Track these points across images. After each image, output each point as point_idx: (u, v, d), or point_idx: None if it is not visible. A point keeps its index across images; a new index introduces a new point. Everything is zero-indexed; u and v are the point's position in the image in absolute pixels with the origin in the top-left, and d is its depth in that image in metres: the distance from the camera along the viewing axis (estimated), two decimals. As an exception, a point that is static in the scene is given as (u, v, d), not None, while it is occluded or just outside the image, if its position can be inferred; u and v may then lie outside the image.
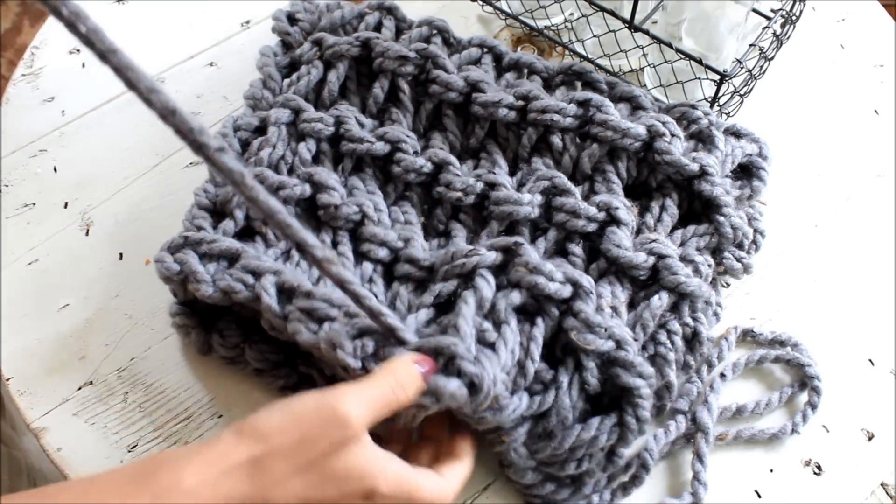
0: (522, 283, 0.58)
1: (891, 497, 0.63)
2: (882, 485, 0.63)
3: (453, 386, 0.51)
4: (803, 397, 0.66)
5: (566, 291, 0.58)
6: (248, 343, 0.62)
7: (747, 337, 0.68)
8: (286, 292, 0.58)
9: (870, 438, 0.65)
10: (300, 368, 0.62)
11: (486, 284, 0.58)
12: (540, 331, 0.58)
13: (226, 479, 0.45)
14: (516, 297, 0.58)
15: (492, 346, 0.55)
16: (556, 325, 0.59)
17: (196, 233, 0.62)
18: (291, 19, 0.78)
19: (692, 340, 0.64)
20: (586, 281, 0.59)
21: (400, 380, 0.50)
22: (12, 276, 0.69)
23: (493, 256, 0.59)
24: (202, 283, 0.59)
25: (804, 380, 0.66)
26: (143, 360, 0.66)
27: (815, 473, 0.63)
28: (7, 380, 0.65)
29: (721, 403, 0.64)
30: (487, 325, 0.56)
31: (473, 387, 0.52)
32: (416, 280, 0.62)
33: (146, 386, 0.65)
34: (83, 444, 0.62)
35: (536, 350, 0.57)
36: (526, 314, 0.59)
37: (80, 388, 0.65)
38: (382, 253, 0.63)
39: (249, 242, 0.63)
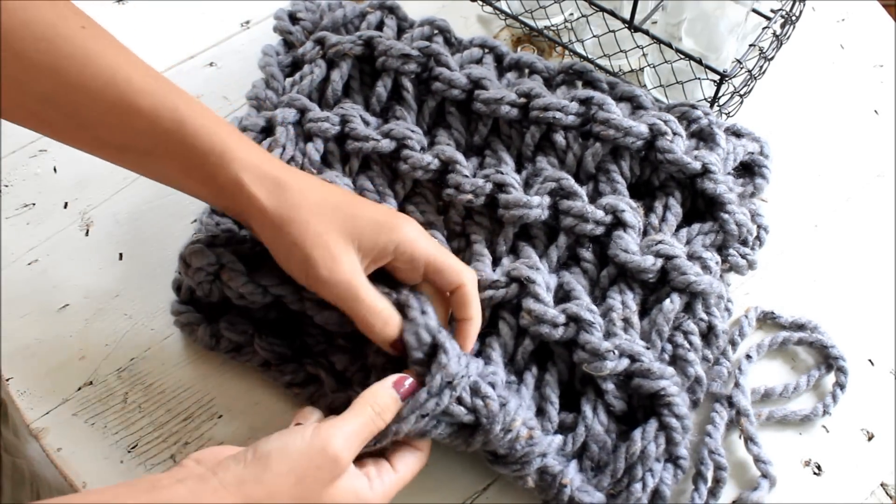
0: (529, 332, 0.61)
1: (891, 497, 0.63)
2: (882, 485, 0.63)
3: (494, 394, 0.56)
4: (828, 379, 0.66)
5: (571, 332, 0.60)
6: (258, 333, 0.63)
7: (768, 319, 0.69)
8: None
9: (870, 438, 0.65)
10: (307, 368, 0.62)
11: (508, 329, 0.62)
12: (553, 377, 0.61)
13: None
14: (529, 344, 0.62)
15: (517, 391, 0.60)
16: (567, 361, 0.61)
17: (223, 233, 0.63)
18: (293, 18, 0.78)
19: (709, 334, 0.64)
20: (587, 314, 0.60)
21: (378, 410, 0.53)
22: (12, 276, 0.69)
23: (505, 292, 0.62)
24: (240, 276, 0.59)
25: (829, 361, 0.66)
26: (143, 361, 0.66)
27: (815, 473, 0.63)
28: (7, 380, 0.65)
29: (749, 385, 0.65)
30: (511, 377, 0.61)
31: (503, 405, 0.56)
32: None
33: (146, 386, 0.65)
34: (83, 444, 0.62)
35: (554, 395, 0.60)
36: (538, 353, 0.63)
37: (80, 388, 0.65)
38: None
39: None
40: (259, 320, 0.63)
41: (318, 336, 0.63)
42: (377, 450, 0.55)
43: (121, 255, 0.71)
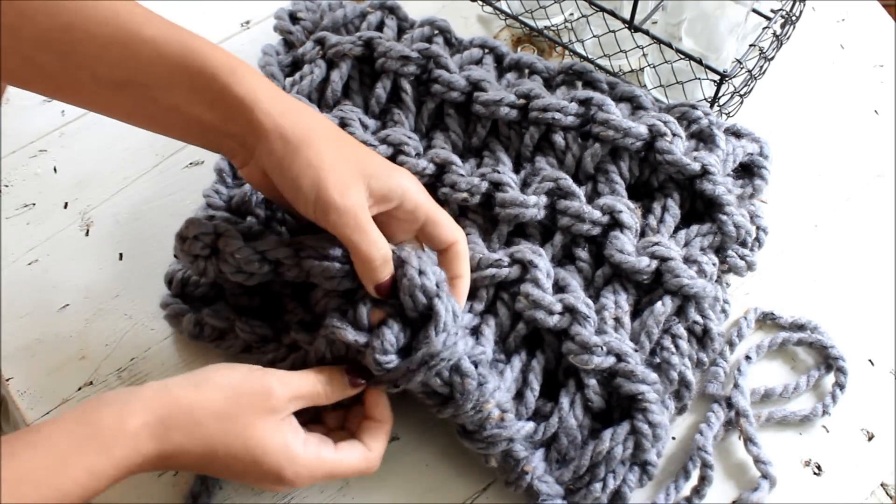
0: (524, 317, 0.61)
1: (891, 497, 0.63)
2: (882, 485, 0.63)
3: (473, 372, 0.57)
4: (828, 380, 0.66)
5: (565, 322, 0.60)
6: (239, 317, 0.63)
7: (767, 320, 0.69)
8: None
9: (870, 438, 0.65)
10: (284, 341, 0.62)
11: (505, 310, 0.62)
12: (540, 363, 0.61)
13: (157, 423, 0.50)
14: (523, 328, 0.62)
15: (500, 373, 0.61)
16: (556, 351, 0.61)
17: (221, 219, 0.62)
18: (293, 18, 0.78)
19: (703, 338, 0.64)
20: (583, 307, 0.60)
21: (327, 381, 0.56)
22: (12, 276, 0.69)
23: (508, 272, 0.62)
24: (238, 241, 0.59)
25: (828, 361, 0.66)
26: (143, 361, 0.66)
27: (815, 473, 0.63)
28: (7, 380, 0.65)
29: (748, 386, 0.65)
30: (500, 356, 0.62)
31: (481, 385, 0.57)
32: None
33: (146, 386, 0.65)
34: (83, 444, 0.62)
35: (536, 381, 0.61)
36: (529, 338, 0.63)
37: (80, 389, 0.65)
38: None
39: None
40: (241, 308, 0.64)
41: (297, 311, 0.63)
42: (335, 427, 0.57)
43: (121, 255, 0.71)
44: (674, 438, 0.64)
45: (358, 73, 0.73)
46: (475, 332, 0.62)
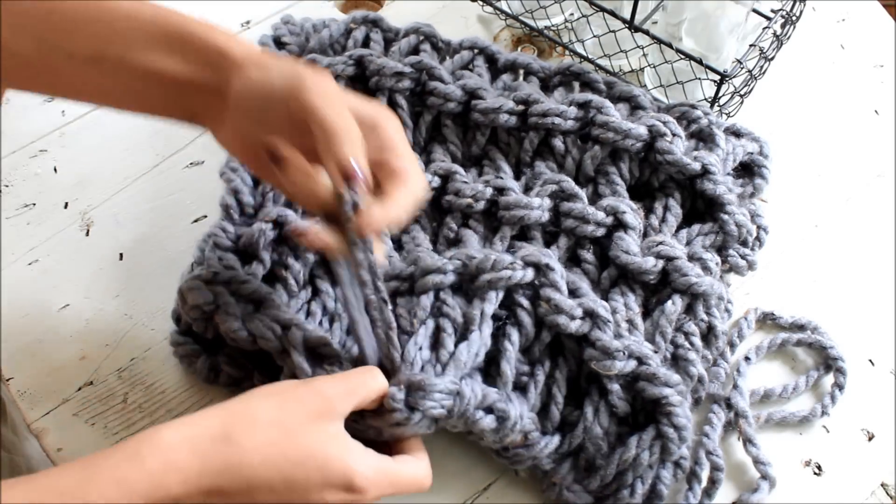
0: (546, 322, 0.60)
1: (891, 497, 0.63)
2: (882, 485, 0.63)
3: (487, 421, 0.56)
4: (827, 380, 0.66)
5: (586, 327, 0.60)
6: (257, 370, 0.62)
7: (767, 320, 0.69)
8: (309, 349, 0.57)
9: (870, 438, 0.65)
10: None
11: (528, 318, 0.61)
12: (563, 374, 0.61)
13: (205, 440, 0.45)
14: (547, 336, 0.61)
15: (524, 388, 0.60)
16: (577, 357, 0.61)
17: (226, 271, 0.61)
18: (278, 43, 0.76)
19: (708, 335, 0.64)
20: (602, 310, 0.60)
21: (371, 378, 0.53)
22: (12, 276, 0.69)
23: (523, 274, 0.61)
24: (233, 320, 0.58)
25: (828, 362, 0.66)
26: (143, 361, 0.66)
27: (815, 473, 0.63)
28: (7, 380, 0.65)
29: (748, 387, 0.65)
30: (524, 368, 0.61)
31: (502, 420, 0.56)
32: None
33: (146, 386, 0.65)
34: (83, 444, 0.62)
35: (560, 395, 0.60)
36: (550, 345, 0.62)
37: (80, 389, 0.65)
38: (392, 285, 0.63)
39: (272, 288, 0.62)
40: (257, 353, 0.61)
41: None
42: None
43: (121, 255, 0.71)
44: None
45: (352, 91, 0.72)
46: (497, 344, 0.61)
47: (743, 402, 0.63)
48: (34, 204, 0.73)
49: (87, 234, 0.72)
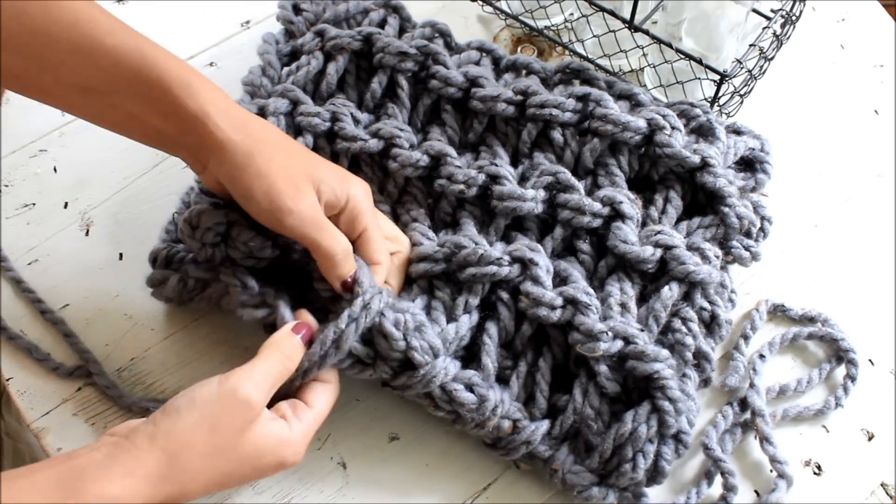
0: (528, 315, 0.61)
1: (891, 497, 0.63)
2: (882, 485, 0.63)
3: (465, 395, 0.58)
4: (837, 373, 0.67)
5: (568, 315, 0.60)
6: (221, 265, 0.62)
7: (778, 312, 0.69)
8: None
9: (870, 438, 0.65)
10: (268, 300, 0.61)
11: (507, 312, 0.62)
12: (546, 362, 0.62)
13: (146, 485, 0.49)
14: (528, 329, 0.62)
15: (507, 380, 0.62)
16: (563, 344, 0.61)
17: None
18: (297, 8, 0.78)
19: (711, 324, 0.64)
20: (583, 295, 0.60)
21: (287, 353, 0.55)
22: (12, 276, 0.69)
23: (508, 271, 0.62)
24: (251, 231, 0.60)
25: (839, 354, 0.67)
26: (143, 361, 0.66)
27: (815, 473, 0.63)
28: (7, 380, 0.65)
29: (763, 383, 0.65)
30: (507, 363, 0.62)
31: (483, 400, 0.58)
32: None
33: (146, 386, 0.65)
34: (83, 444, 0.62)
35: (544, 381, 0.61)
36: (534, 335, 0.63)
37: (79, 389, 0.65)
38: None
39: None
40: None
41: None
42: (289, 392, 0.57)
43: (121, 255, 0.71)
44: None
45: (355, 67, 0.73)
46: (475, 342, 0.62)
47: (760, 400, 0.63)
48: (34, 204, 0.73)
49: (87, 234, 0.72)
